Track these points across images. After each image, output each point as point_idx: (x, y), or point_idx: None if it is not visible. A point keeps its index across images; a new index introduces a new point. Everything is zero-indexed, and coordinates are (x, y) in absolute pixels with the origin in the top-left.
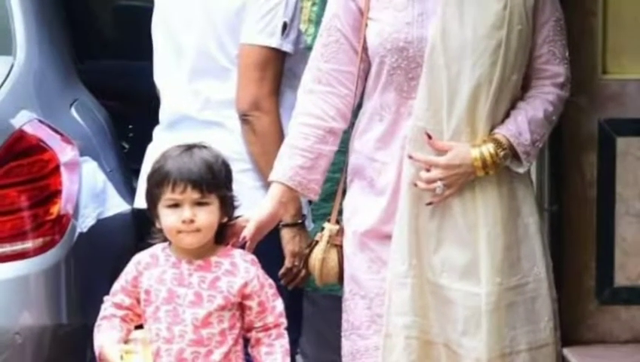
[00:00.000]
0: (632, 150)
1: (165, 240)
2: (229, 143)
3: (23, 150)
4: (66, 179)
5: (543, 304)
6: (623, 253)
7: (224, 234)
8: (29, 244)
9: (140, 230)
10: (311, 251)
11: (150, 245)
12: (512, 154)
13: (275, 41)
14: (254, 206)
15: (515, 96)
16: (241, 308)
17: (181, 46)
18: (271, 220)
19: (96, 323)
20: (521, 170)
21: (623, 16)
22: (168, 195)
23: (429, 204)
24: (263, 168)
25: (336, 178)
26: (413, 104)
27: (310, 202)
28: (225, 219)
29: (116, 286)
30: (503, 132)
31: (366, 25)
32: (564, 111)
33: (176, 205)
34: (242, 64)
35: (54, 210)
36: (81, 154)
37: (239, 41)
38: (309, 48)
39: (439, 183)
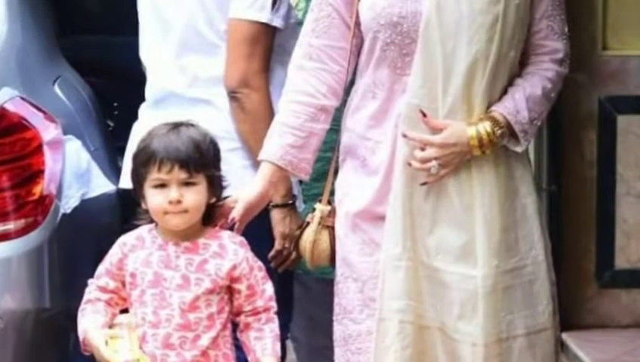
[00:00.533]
0: (633, 128)
1: (151, 221)
2: (217, 121)
3: (5, 128)
4: (49, 158)
5: (542, 287)
6: (623, 235)
7: (212, 216)
8: (10, 226)
9: (125, 211)
10: (302, 233)
11: (136, 226)
12: (510, 132)
13: (264, 16)
14: (243, 186)
15: (512, 72)
16: (230, 291)
17: (168, 21)
18: (260, 201)
19: (80, 307)
20: (518, 149)
21: None
22: (154, 175)
23: (424, 184)
24: (252, 147)
25: (327, 157)
26: (408, 81)
27: (301, 182)
28: (213, 200)
29: (101, 268)
30: (500, 110)
31: None
32: (563, 88)
33: (162, 185)
34: (231, 40)
35: (37, 190)
36: (65, 132)
37: (228, 16)
38: (300, 23)
39: (434, 163)
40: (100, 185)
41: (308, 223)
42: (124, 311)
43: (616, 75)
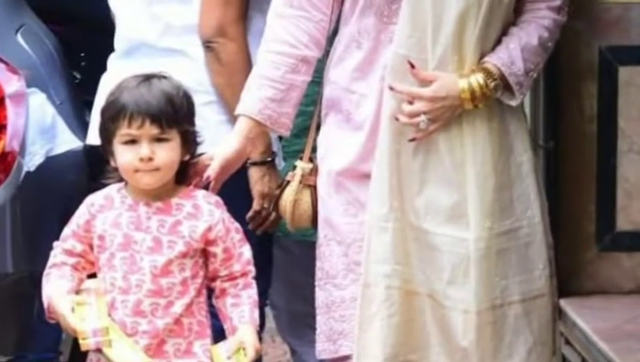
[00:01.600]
0: (635, 80)
1: (121, 180)
2: (191, 73)
3: None
4: (12, 112)
5: (538, 250)
6: (625, 195)
7: (186, 174)
8: None
9: (93, 169)
10: (281, 192)
11: (104, 185)
12: (504, 85)
13: None
14: (219, 142)
15: (506, 20)
16: (205, 255)
17: None
18: (237, 158)
19: (45, 272)
20: (513, 103)
21: None
22: (124, 130)
23: (412, 140)
24: (228, 101)
25: (309, 111)
26: (395, 30)
27: (281, 138)
28: (187, 157)
29: (67, 231)
30: (494, 61)
31: None
32: (561, 37)
33: (133, 141)
34: None
35: None
36: (28, 85)
37: None
38: None
39: (423, 117)
40: (66, 141)
41: (288, 182)
42: (92, 275)
43: (617, 23)
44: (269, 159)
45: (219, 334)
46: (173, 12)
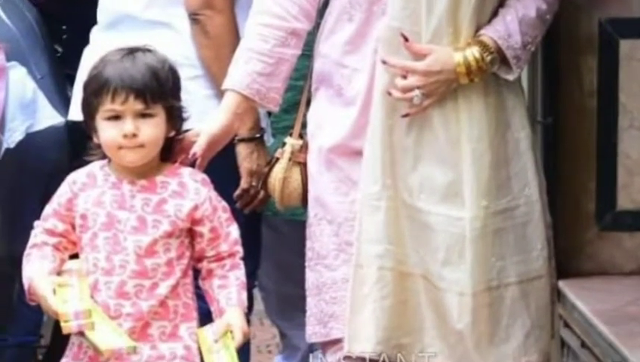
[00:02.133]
0: (637, 54)
1: (104, 157)
2: (176, 46)
3: None
4: None
5: (536, 230)
6: (626, 172)
7: (171, 151)
8: None
9: (75, 145)
10: (270, 170)
11: (87, 163)
12: (500, 58)
13: None
14: (206, 118)
15: None
16: (191, 234)
17: None
18: (225, 134)
19: (25, 253)
20: (510, 77)
21: None
22: (108, 106)
23: (406, 115)
24: (215, 75)
25: (299, 86)
26: (388, 1)
27: (270, 114)
28: (172, 133)
29: (48, 209)
30: (490, 33)
31: None
32: (560, 9)
33: (116, 117)
34: None
35: None
36: (8, 58)
37: None
38: None
39: (417, 92)
40: (48, 117)
41: (277, 159)
42: (74, 256)
43: None
44: (258, 135)
45: (205, 317)
46: None
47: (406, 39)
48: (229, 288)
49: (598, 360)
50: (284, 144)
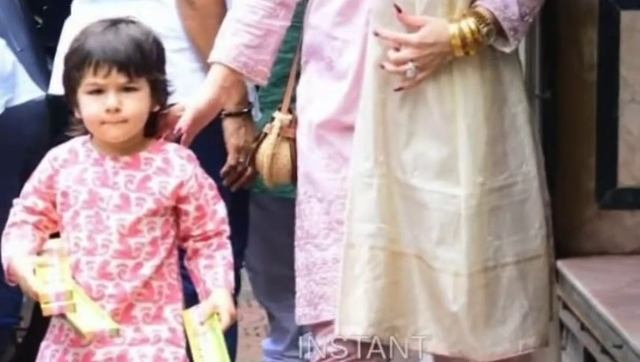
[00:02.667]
0: (638, 25)
1: (86, 132)
2: (161, 17)
3: None
4: None
5: (534, 208)
6: (627, 148)
7: (155, 126)
8: None
9: (55, 120)
10: (258, 145)
11: (68, 138)
12: (497, 30)
13: None
14: (192, 92)
15: None
16: (176, 213)
17: None
18: (211, 109)
19: (4, 232)
20: (507, 50)
21: None
22: (90, 79)
23: (399, 89)
24: (201, 47)
25: (288, 59)
26: None
27: (258, 87)
28: (157, 108)
29: (28, 187)
30: (486, 4)
31: None
32: None
33: (99, 91)
34: None
35: None
36: None
37: None
38: None
39: (410, 65)
40: (27, 91)
41: (266, 134)
42: (55, 235)
43: None
44: (245, 110)
45: (191, 298)
46: None
47: (399, 10)
48: (215, 268)
49: (598, 342)
50: (272, 119)
